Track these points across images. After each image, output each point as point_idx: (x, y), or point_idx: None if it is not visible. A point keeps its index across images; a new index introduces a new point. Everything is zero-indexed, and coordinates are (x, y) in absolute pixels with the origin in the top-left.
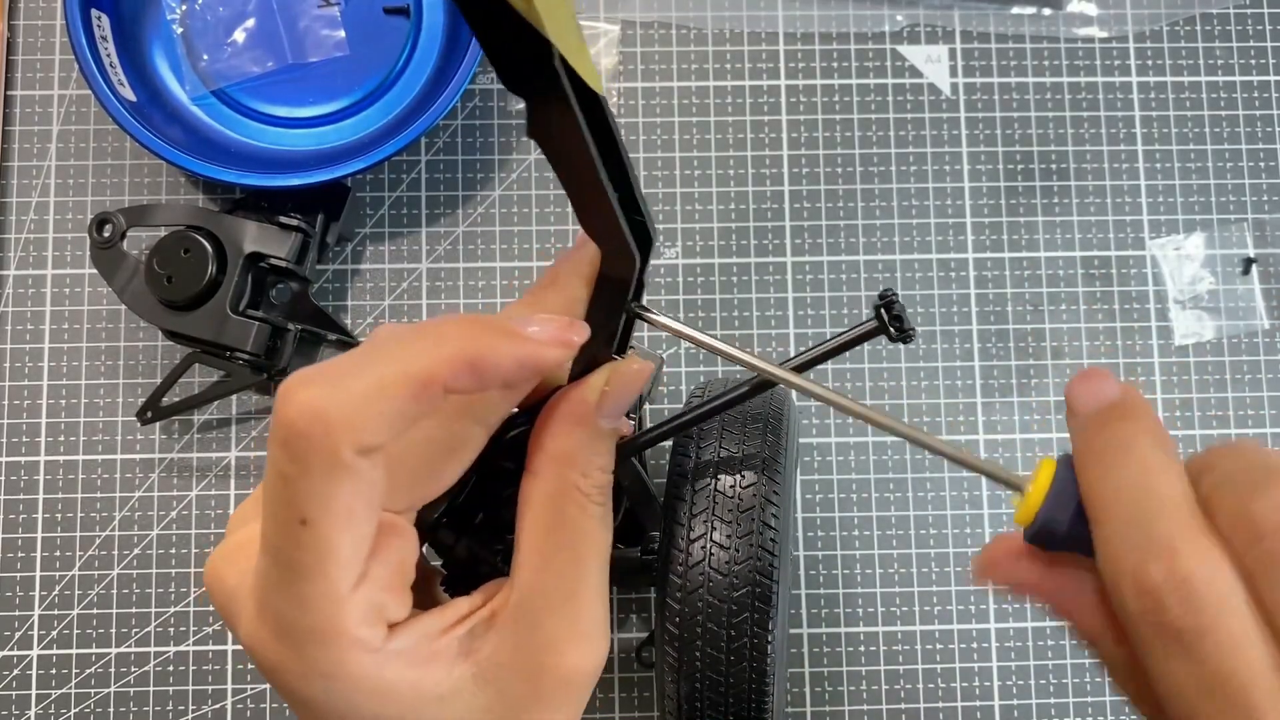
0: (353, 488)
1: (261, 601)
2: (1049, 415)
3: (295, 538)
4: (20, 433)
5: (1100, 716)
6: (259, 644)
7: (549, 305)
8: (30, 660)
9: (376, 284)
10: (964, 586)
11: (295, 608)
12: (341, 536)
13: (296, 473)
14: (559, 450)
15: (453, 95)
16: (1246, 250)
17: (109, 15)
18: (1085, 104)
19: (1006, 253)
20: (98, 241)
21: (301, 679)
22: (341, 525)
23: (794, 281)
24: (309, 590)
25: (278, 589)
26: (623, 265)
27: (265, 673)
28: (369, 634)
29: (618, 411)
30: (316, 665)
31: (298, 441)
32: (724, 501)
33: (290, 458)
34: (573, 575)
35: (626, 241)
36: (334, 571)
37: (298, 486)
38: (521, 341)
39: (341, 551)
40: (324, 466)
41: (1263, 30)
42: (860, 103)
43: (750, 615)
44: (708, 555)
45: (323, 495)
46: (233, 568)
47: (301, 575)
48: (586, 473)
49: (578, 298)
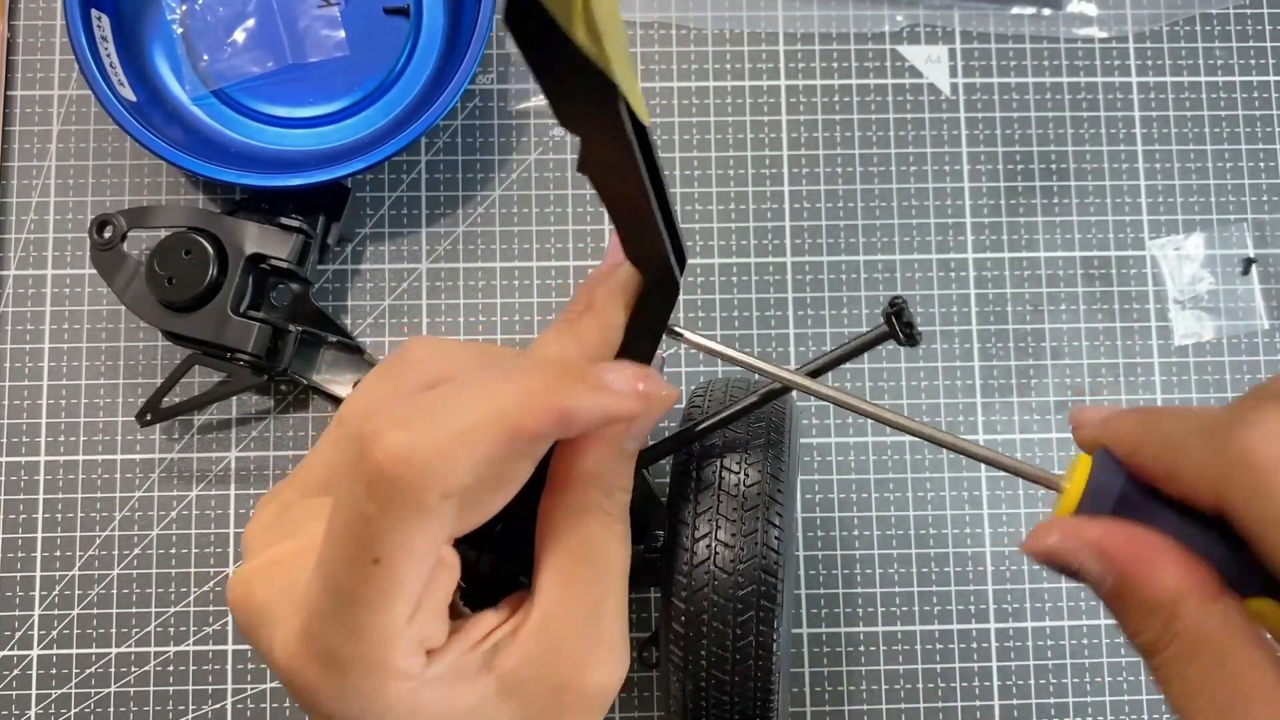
0: (431, 531)
1: (307, 626)
2: (1049, 415)
3: (363, 574)
4: (20, 433)
5: (1100, 716)
6: (298, 667)
7: (588, 332)
8: (30, 660)
9: (376, 284)
10: (964, 586)
11: (346, 637)
12: (409, 576)
13: (378, 513)
14: (585, 470)
15: (453, 95)
16: (1246, 250)
17: (109, 15)
18: (1085, 104)
19: (1006, 253)
20: (98, 243)
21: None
22: (413, 566)
23: (794, 281)
24: (366, 623)
25: (330, 617)
26: (666, 291)
27: (298, 690)
28: (412, 664)
29: (643, 435)
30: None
31: (385, 485)
32: (728, 500)
33: (373, 499)
34: (595, 593)
35: (672, 269)
36: (396, 607)
37: (377, 526)
38: (608, 395)
39: (404, 589)
40: (408, 511)
41: (1262, 30)
42: (860, 103)
43: (755, 614)
44: (712, 554)
45: (402, 538)
46: (265, 585)
47: (362, 609)
48: (610, 493)
49: (616, 323)
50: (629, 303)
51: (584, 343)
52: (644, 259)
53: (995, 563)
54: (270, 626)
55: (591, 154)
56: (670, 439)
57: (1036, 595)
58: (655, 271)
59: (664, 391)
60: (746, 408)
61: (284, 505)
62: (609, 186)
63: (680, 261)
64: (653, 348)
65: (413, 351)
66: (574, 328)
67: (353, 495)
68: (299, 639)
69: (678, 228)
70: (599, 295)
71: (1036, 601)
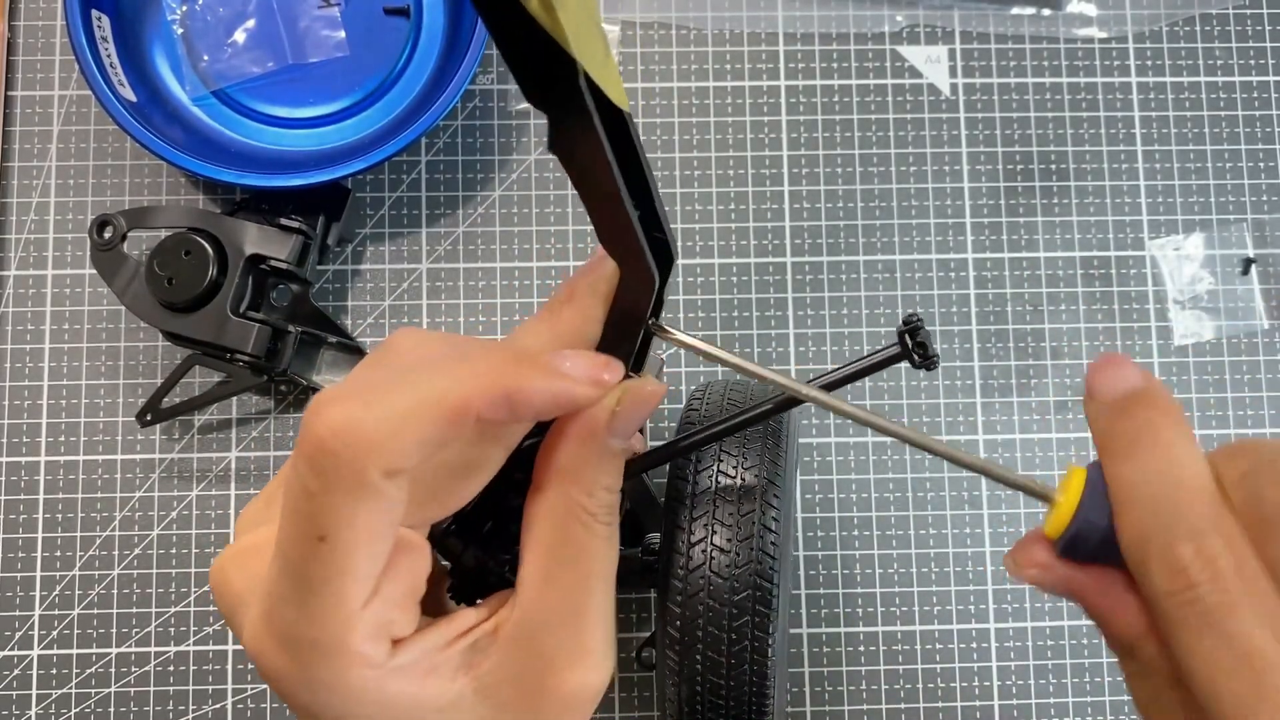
0: (375, 508)
1: (269, 610)
2: (1049, 415)
3: (312, 552)
4: (20, 433)
5: (1100, 716)
6: (262, 651)
7: (565, 322)
8: (30, 660)
9: (376, 284)
10: (964, 586)
11: (303, 620)
12: (359, 556)
13: (320, 489)
14: (565, 468)
15: (453, 95)
16: (1246, 250)
17: (109, 16)
18: (1085, 104)
19: (1006, 253)
20: (98, 243)
21: (303, 687)
22: (360, 545)
23: (794, 281)
24: (319, 605)
25: (288, 600)
26: (641, 285)
27: (266, 677)
28: (373, 651)
29: (628, 431)
30: (319, 676)
31: (325, 459)
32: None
33: (315, 474)
34: (577, 594)
35: (646, 261)
36: (347, 589)
37: (320, 503)
38: (557, 378)
39: (357, 570)
40: (349, 486)
41: (1262, 30)
42: (860, 103)
43: (750, 619)
44: (708, 559)
45: (345, 514)
46: (240, 570)
47: (314, 590)
48: (592, 492)
49: (594, 315)
50: (609, 296)
51: (560, 333)
52: (618, 251)
53: (995, 563)
54: (243, 612)
55: (559, 133)
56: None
57: (1036, 595)
58: (630, 264)
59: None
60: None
61: (271, 494)
62: (577, 169)
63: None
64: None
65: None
66: (552, 318)
67: (298, 472)
68: (261, 622)
69: (663, 221)
70: (580, 286)
71: (1036, 601)
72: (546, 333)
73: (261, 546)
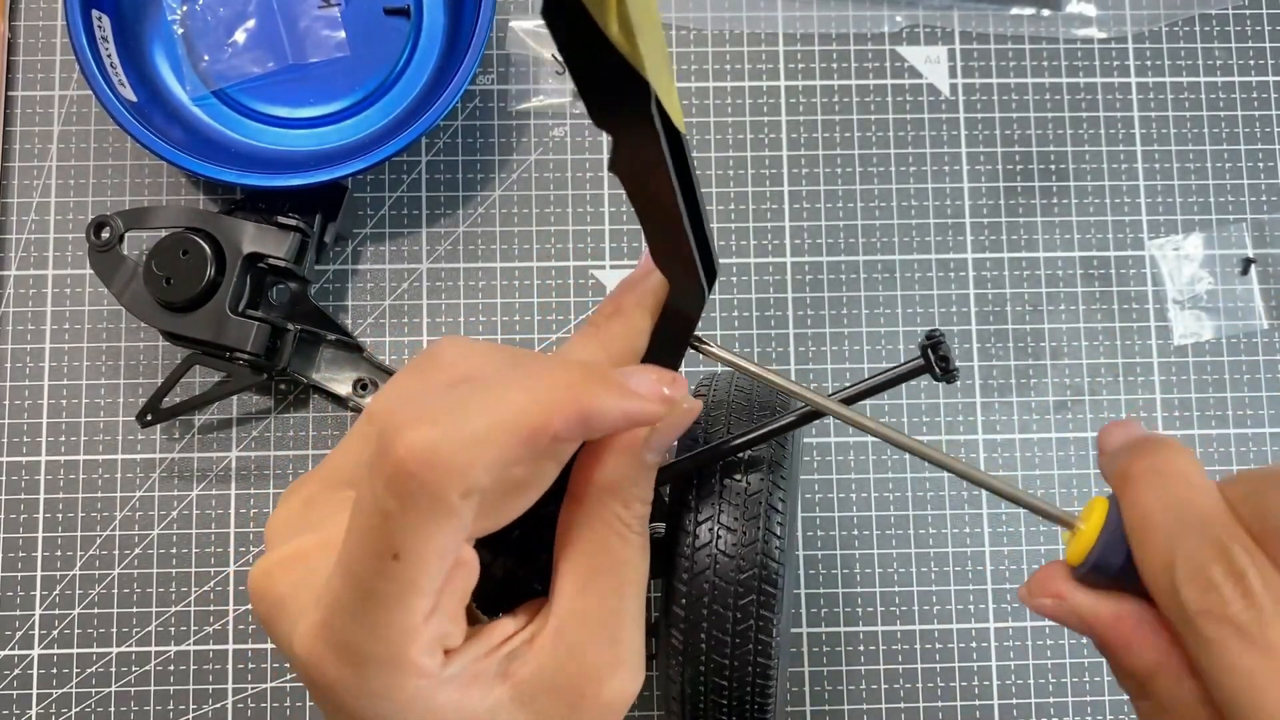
0: (450, 528)
1: (327, 620)
2: (1049, 415)
3: (383, 570)
4: (20, 433)
5: (1100, 716)
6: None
7: (614, 337)
8: (31, 660)
9: (377, 284)
10: (964, 586)
11: (365, 632)
12: (430, 573)
13: (398, 510)
14: (604, 481)
15: (453, 96)
16: (1245, 250)
17: (110, 16)
18: (1084, 104)
19: (1006, 253)
20: (96, 244)
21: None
22: (432, 563)
23: (794, 281)
24: (384, 619)
25: (350, 612)
26: (691, 299)
27: (316, 684)
28: (430, 662)
29: (665, 446)
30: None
31: (406, 481)
32: (731, 484)
33: (394, 495)
34: (612, 603)
35: (699, 277)
36: (414, 604)
37: (398, 523)
38: (630, 397)
39: (424, 586)
40: (428, 508)
41: (1262, 31)
42: (860, 103)
43: (756, 598)
44: (715, 538)
45: (422, 535)
46: (286, 577)
47: (381, 604)
48: (628, 504)
49: (642, 329)
50: (656, 310)
51: (609, 347)
52: (671, 267)
53: (995, 563)
54: (290, 619)
55: (622, 154)
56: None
57: None
58: (682, 280)
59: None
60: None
61: (308, 498)
62: (638, 189)
63: (710, 274)
64: (678, 357)
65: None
66: (600, 332)
67: (374, 492)
68: (318, 632)
69: (710, 239)
70: (627, 301)
71: None
72: (597, 347)
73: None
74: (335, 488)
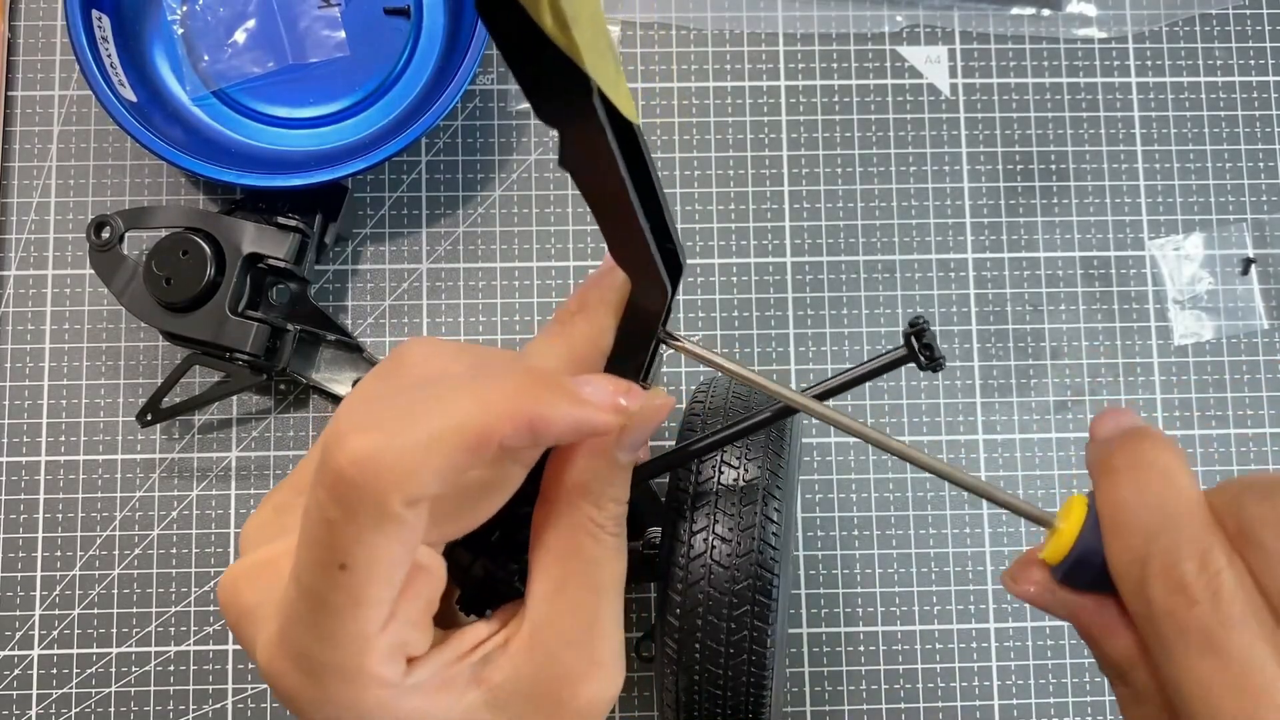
0: (396, 537)
1: (284, 631)
2: (1048, 415)
3: (331, 579)
4: (20, 433)
5: (1100, 716)
6: (279, 671)
7: (579, 335)
8: (31, 660)
9: (377, 284)
10: (964, 586)
11: (320, 643)
12: (379, 583)
13: (342, 519)
14: (575, 482)
15: (453, 95)
16: (1246, 250)
17: (109, 16)
18: (1084, 104)
19: (1006, 253)
20: (96, 244)
21: (318, 707)
22: (380, 572)
23: (794, 281)
24: (338, 629)
25: (304, 623)
26: (654, 295)
27: (280, 696)
28: (390, 672)
29: (637, 445)
30: (335, 697)
31: (347, 490)
32: (726, 494)
33: (337, 504)
34: (587, 605)
35: (659, 273)
36: (365, 614)
37: (342, 532)
38: (580, 405)
39: (375, 596)
40: (371, 517)
41: (1262, 30)
42: (860, 103)
43: (751, 608)
44: (709, 548)
45: (366, 544)
46: (251, 586)
47: (332, 615)
48: (601, 505)
49: (607, 326)
50: (620, 306)
51: (573, 346)
52: (629, 262)
53: (995, 562)
54: (255, 628)
55: (569, 148)
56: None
57: None
58: (642, 276)
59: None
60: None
61: (279, 504)
62: (588, 184)
63: (675, 268)
64: (645, 353)
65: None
66: (565, 330)
67: (318, 500)
68: (277, 643)
69: (673, 233)
70: (591, 297)
71: None
72: (561, 346)
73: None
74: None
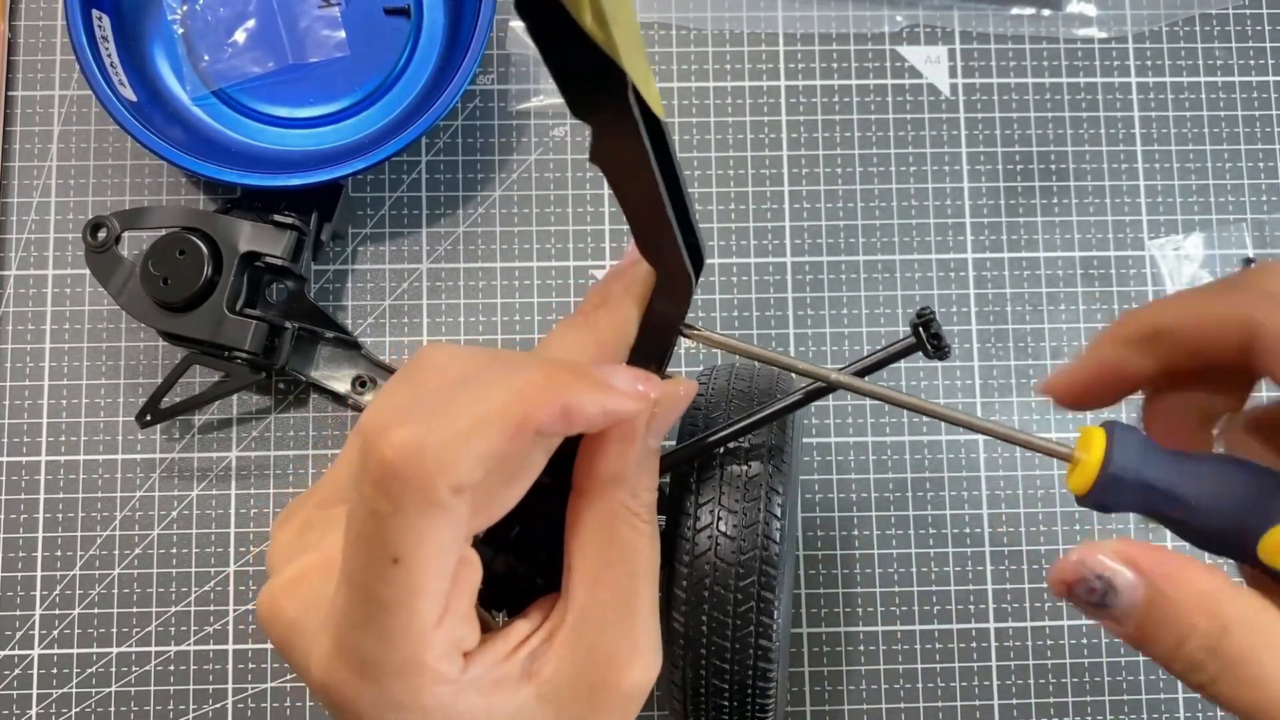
0: (446, 526)
1: (339, 637)
2: (1048, 415)
3: (384, 575)
4: (20, 433)
5: (1100, 716)
6: (340, 680)
7: (604, 327)
8: (31, 660)
9: (377, 284)
10: (964, 586)
11: (379, 643)
12: (431, 574)
13: (391, 511)
14: (609, 472)
15: (453, 95)
16: (1246, 250)
17: (109, 15)
18: (1084, 104)
19: (1006, 253)
20: (92, 245)
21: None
22: (432, 563)
23: (794, 281)
24: (395, 626)
25: (360, 625)
26: (678, 288)
27: (336, 706)
28: (448, 667)
29: (663, 432)
30: (396, 697)
31: (393, 481)
32: (732, 468)
33: (385, 497)
34: (627, 593)
35: (685, 266)
36: (422, 608)
37: (391, 525)
38: (610, 393)
39: (430, 588)
40: (420, 506)
41: (1262, 30)
42: (860, 103)
43: (757, 579)
44: (715, 519)
45: (417, 534)
46: (293, 600)
47: (389, 612)
48: (636, 493)
49: (631, 318)
50: (644, 299)
51: (598, 337)
52: (657, 255)
53: (995, 562)
54: (303, 643)
55: (602, 144)
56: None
57: (1036, 595)
58: (668, 268)
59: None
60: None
61: (305, 520)
62: (620, 178)
63: (697, 261)
64: (667, 345)
65: (428, 357)
66: (589, 321)
67: (364, 496)
68: (333, 652)
69: (695, 227)
70: (615, 289)
71: (1036, 601)
72: (587, 338)
73: (311, 574)
74: (330, 506)
